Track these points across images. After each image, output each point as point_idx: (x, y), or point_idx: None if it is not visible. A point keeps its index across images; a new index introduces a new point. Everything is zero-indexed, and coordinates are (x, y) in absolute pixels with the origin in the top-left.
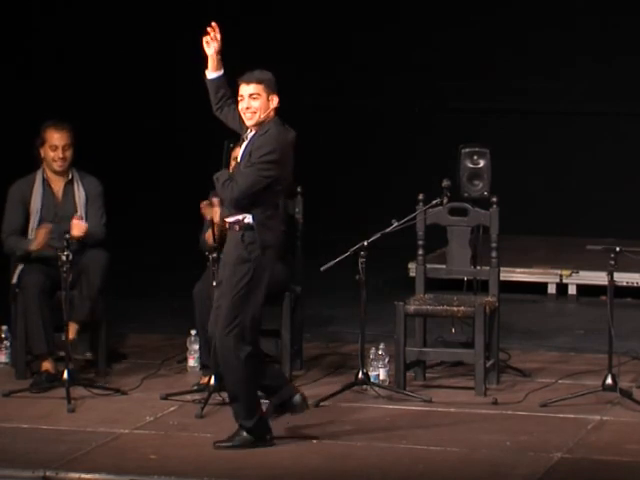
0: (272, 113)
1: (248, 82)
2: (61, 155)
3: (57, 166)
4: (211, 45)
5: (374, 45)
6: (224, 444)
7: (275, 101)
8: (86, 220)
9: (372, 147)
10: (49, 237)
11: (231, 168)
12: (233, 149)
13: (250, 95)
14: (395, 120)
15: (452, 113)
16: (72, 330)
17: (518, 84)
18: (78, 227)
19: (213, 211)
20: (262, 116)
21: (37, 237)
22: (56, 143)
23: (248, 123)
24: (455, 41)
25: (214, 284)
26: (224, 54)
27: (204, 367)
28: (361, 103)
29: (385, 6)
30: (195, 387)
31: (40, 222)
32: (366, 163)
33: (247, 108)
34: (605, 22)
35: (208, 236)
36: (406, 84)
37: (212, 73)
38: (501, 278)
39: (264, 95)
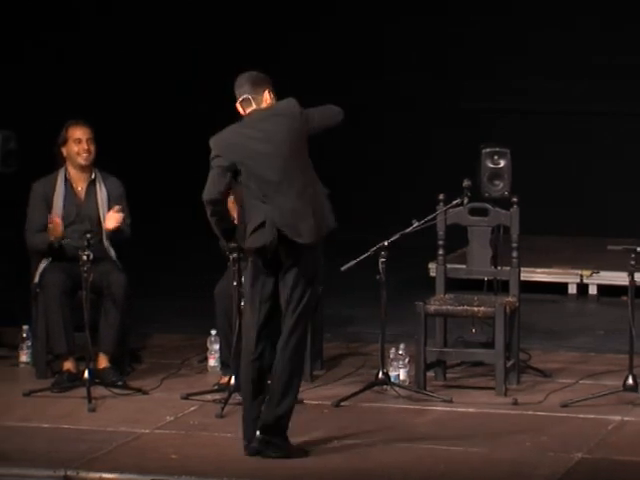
0: None
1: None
2: (86, 147)
3: (82, 159)
4: None
5: (391, 44)
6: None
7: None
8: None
9: (409, 147)
10: (62, 226)
11: None
12: None
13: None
14: (415, 120)
15: (473, 113)
16: (102, 360)
17: (539, 84)
18: (114, 218)
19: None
20: None
21: (51, 228)
22: (80, 137)
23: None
24: (476, 41)
25: (235, 284)
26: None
27: (225, 367)
28: (379, 103)
29: (397, 3)
30: (216, 387)
31: (63, 221)
32: (386, 163)
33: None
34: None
35: None
36: (426, 83)
37: None
38: (521, 278)
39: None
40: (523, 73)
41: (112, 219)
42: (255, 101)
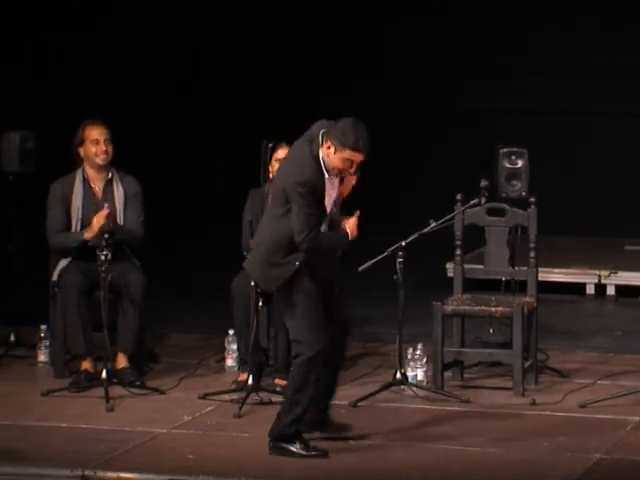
0: None
1: (365, 154)
2: (104, 148)
3: (101, 160)
4: None
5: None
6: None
7: None
8: (124, 219)
9: (409, 147)
10: (107, 225)
11: (271, 168)
12: (274, 149)
13: (360, 163)
14: (415, 120)
15: (473, 113)
16: (120, 360)
17: (559, 84)
18: (101, 214)
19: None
20: None
21: (93, 225)
22: (97, 137)
23: (339, 173)
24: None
25: (252, 283)
26: None
27: (243, 363)
28: (379, 103)
29: (397, 3)
30: (234, 385)
31: (82, 221)
32: (403, 163)
33: (347, 171)
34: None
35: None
36: (426, 83)
37: None
38: (539, 278)
39: None
40: (523, 73)
41: (99, 216)
42: None
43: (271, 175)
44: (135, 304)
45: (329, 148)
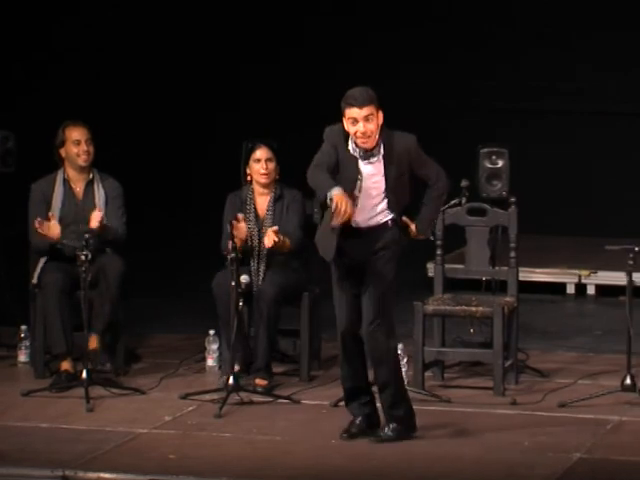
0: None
1: (361, 106)
2: (85, 148)
3: (82, 161)
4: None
5: (391, 45)
6: (375, 437)
7: (381, 116)
8: (106, 219)
9: None
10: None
11: (250, 170)
12: (252, 150)
13: (365, 118)
14: (413, 120)
15: (471, 113)
16: (92, 341)
17: (537, 84)
18: (95, 217)
19: (238, 227)
20: (375, 139)
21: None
22: (78, 138)
23: (364, 146)
24: (457, 41)
25: (233, 284)
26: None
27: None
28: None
29: (400, 4)
30: (221, 385)
31: (61, 221)
32: None
33: (364, 133)
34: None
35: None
36: (427, 83)
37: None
38: (520, 278)
39: (376, 115)
40: (504, 72)
41: (93, 219)
42: None
43: (249, 177)
44: (111, 286)
45: (346, 121)
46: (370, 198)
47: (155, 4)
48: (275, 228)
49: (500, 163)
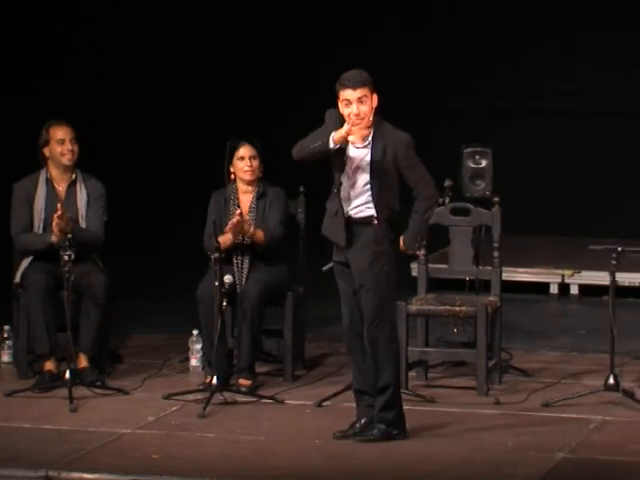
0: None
1: (355, 87)
2: (70, 147)
3: (67, 160)
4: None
5: (383, 46)
6: (361, 437)
7: (376, 99)
8: (86, 219)
9: None
10: (65, 225)
11: (233, 168)
12: (235, 149)
13: (358, 99)
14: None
15: (454, 113)
16: (81, 360)
17: (521, 84)
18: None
19: (234, 224)
20: (371, 119)
21: (53, 227)
22: (63, 137)
23: (356, 128)
24: (457, 41)
25: (216, 284)
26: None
27: (209, 365)
28: None
29: (385, 5)
30: (201, 387)
31: (45, 222)
32: None
33: (357, 115)
34: (610, 23)
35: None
36: (408, 83)
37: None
38: (503, 278)
39: (370, 97)
40: (488, 72)
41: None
42: None
43: (233, 176)
44: (97, 305)
45: (340, 103)
46: (356, 186)
47: (143, 4)
48: (239, 210)
49: (483, 163)
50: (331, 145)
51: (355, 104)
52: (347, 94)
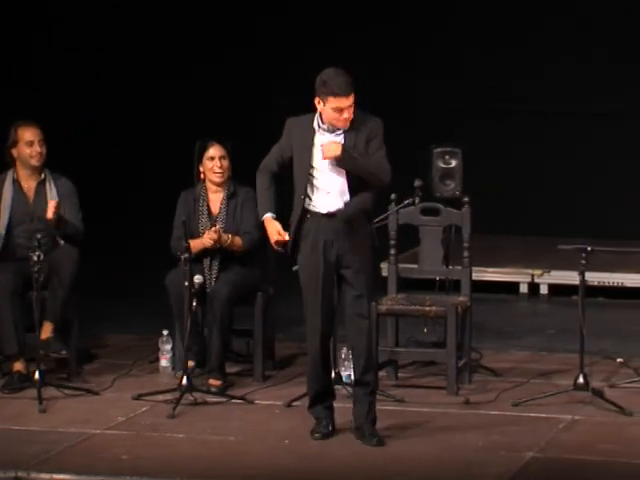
0: None
1: (347, 95)
2: (38, 149)
3: (35, 161)
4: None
5: (352, 45)
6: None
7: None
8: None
9: None
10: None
11: (203, 168)
12: (204, 148)
13: (349, 106)
14: None
15: (424, 112)
16: (46, 329)
17: (491, 83)
18: (50, 206)
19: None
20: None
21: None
22: (31, 139)
23: (342, 127)
24: (429, 41)
25: (186, 284)
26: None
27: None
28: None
29: (353, 4)
30: (175, 387)
31: (10, 221)
32: None
33: (347, 119)
34: (583, 22)
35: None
36: (381, 83)
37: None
38: (473, 278)
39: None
40: (458, 73)
41: (50, 208)
42: None
43: (202, 175)
44: (64, 277)
45: (319, 103)
46: (329, 177)
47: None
48: (216, 227)
49: (453, 163)
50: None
51: (346, 111)
52: (341, 102)
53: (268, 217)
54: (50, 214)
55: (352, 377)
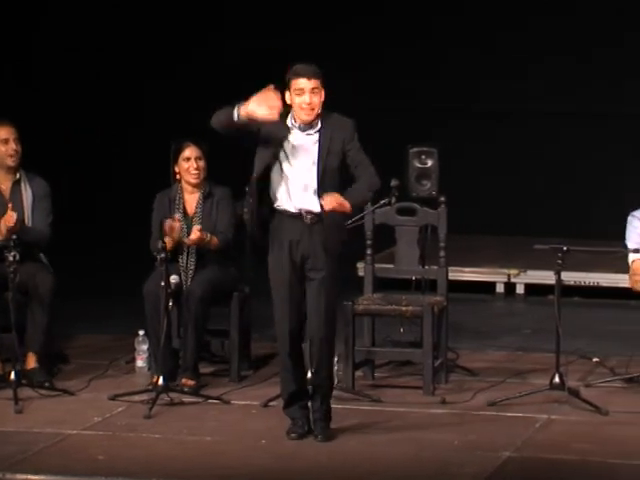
0: None
1: (310, 77)
2: (14, 147)
3: (11, 161)
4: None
5: (325, 46)
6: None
7: (323, 95)
8: (32, 219)
9: None
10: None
11: (179, 169)
12: (179, 149)
13: (312, 90)
14: None
15: (401, 112)
16: (30, 360)
17: (467, 84)
18: (7, 220)
19: (173, 227)
20: (319, 111)
21: (0, 228)
22: (6, 137)
23: (305, 118)
24: (404, 41)
25: (162, 284)
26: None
27: (155, 362)
28: None
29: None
30: (149, 387)
31: None
32: None
33: (308, 104)
34: (555, 23)
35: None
36: (356, 82)
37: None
38: (449, 277)
39: (321, 89)
40: (433, 73)
41: (8, 220)
42: None
43: (178, 176)
44: (44, 304)
45: (289, 95)
46: (302, 177)
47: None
48: (199, 227)
49: (429, 163)
50: (234, 117)
51: (308, 94)
52: (301, 83)
53: (241, 105)
54: (8, 224)
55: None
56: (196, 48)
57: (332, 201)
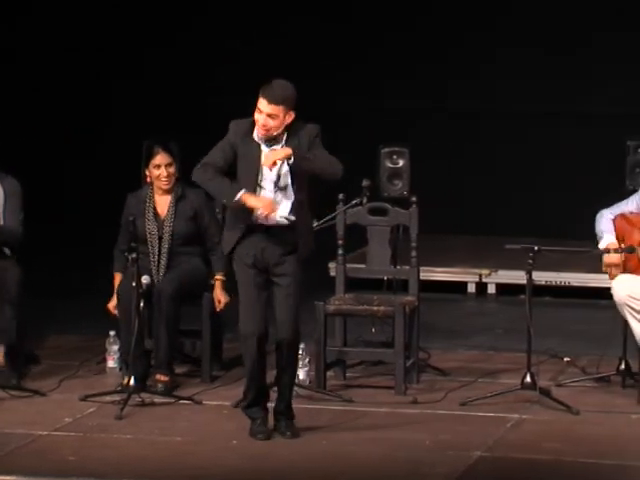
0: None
1: (269, 102)
2: None
3: None
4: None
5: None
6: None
7: (291, 117)
8: (4, 217)
9: None
10: None
11: (149, 173)
12: (150, 153)
13: (268, 114)
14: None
15: (373, 112)
16: None
17: (437, 84)
18: None
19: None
20: (274, 133)
21: None
22: None
23: (261, 134)
24: (373, 41)
25: (133, 284)
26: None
27: (126, 365)
28: None
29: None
30: (119, 388)
31: None
32: None
33: (263, 125)
34: (528, 20)
35: None
36: (327, 83)
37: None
38: (421, 277)
39: (281, 116)
40: (406, 72)
41: None
42: None
43: (149, 178)
44: (12, 297)
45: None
46: (273, 186)
47: None
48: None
49: (401, 163)
50: (224, 202)
51: (264, 116)
52: (261, 104)
53: (245, 194)
54: None
55: (300, 377)
56: (168, 48)
57: (270, 157)
